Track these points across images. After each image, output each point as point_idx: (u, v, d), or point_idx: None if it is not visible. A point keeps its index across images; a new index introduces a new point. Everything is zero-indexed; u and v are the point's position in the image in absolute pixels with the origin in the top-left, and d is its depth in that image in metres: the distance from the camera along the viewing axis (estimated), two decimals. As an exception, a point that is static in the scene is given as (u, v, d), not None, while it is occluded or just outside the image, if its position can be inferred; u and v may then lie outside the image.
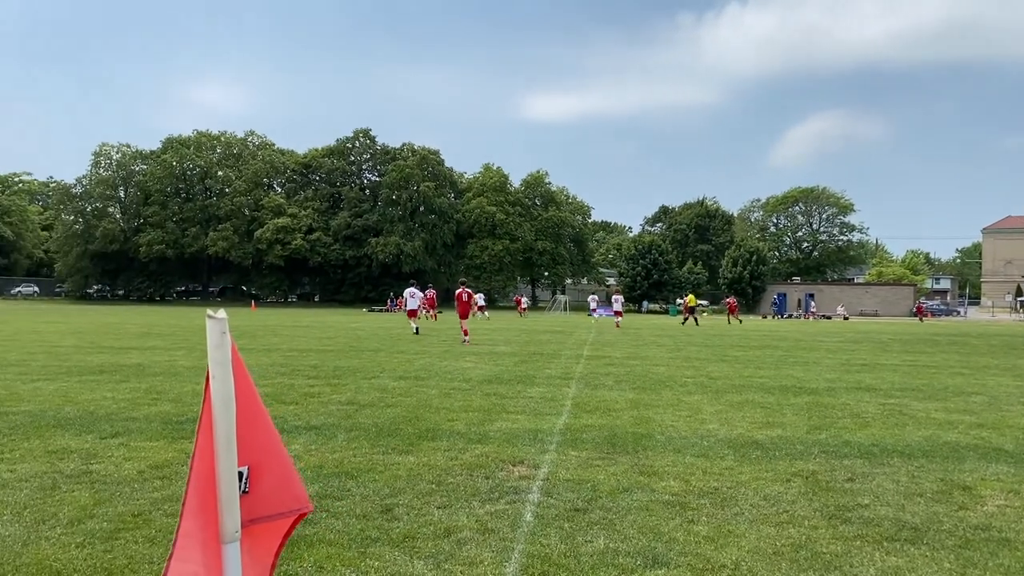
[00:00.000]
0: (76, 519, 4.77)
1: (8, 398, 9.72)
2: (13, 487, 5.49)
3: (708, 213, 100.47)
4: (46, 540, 4.39)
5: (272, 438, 1.94)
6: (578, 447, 7.20)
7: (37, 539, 4.40)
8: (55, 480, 5.69)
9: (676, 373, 14.23)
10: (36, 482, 5.63)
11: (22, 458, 6.40)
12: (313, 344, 20.67)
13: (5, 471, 5.94)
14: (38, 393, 10.22)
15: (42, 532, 4.53)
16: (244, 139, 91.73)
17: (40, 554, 4.16)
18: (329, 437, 7.50)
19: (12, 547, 4.27)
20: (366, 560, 4.17)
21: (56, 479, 5.72)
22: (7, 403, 9.31)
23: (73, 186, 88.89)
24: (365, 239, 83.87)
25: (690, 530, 4.77)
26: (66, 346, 18.57)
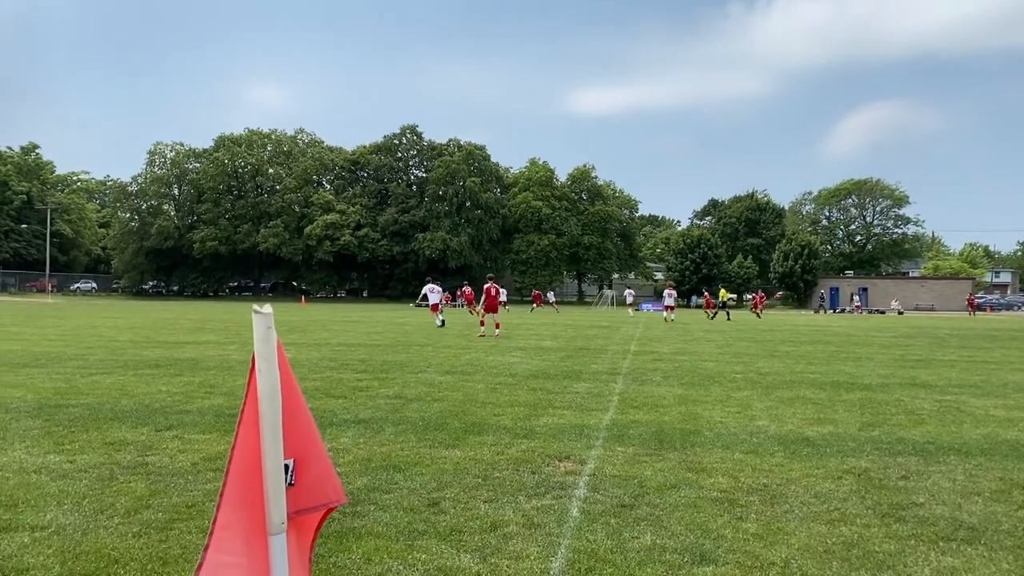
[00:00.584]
0: (133, 509, 4.90)
1: (68, 391, 10.01)
2: (73, 477, 5.65)
3: (758, 206, 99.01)
4: (104, 529, 4.51)
5: (313, 431, 1.96)
6: (625, 443, 7.16)
7: (96, 528, 4.53)
8: (112, 471, 5.85)
9: (725, 369, 14.07)
10: (94, 473, 5.79)
11: (81, 449, 6.58)
12: (361, 339, 20.90)
13: (65, 462, 6.12)
14: (96, 387, 10.50)
15: (100, 522, 4.65)
16: (294, 137, 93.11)
17: (99, 543, 4.28)
18: (377, 431, 7.58)
19: (72, 536, 4.39)
20: (413, 553, 4.20)
21: (113, 470, 5.88)
22: (67, 396, 9.58)
23: (129, 184, 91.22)
24: (412, 235, 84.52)
25: (739, 527, 4.72)
26: (123, 341, 19.05)
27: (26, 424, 7.68)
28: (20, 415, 8.17)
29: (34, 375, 11.66)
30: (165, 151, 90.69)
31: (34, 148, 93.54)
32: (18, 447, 6.63)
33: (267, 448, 1.82)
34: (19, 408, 8.60)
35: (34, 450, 6.53)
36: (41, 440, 6.93)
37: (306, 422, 1.94)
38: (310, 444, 1.94)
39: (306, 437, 1.93)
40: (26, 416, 8.11)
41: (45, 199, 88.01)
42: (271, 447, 1.82)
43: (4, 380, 11.02)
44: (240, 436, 1.83)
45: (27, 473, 5.75)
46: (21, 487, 5.36)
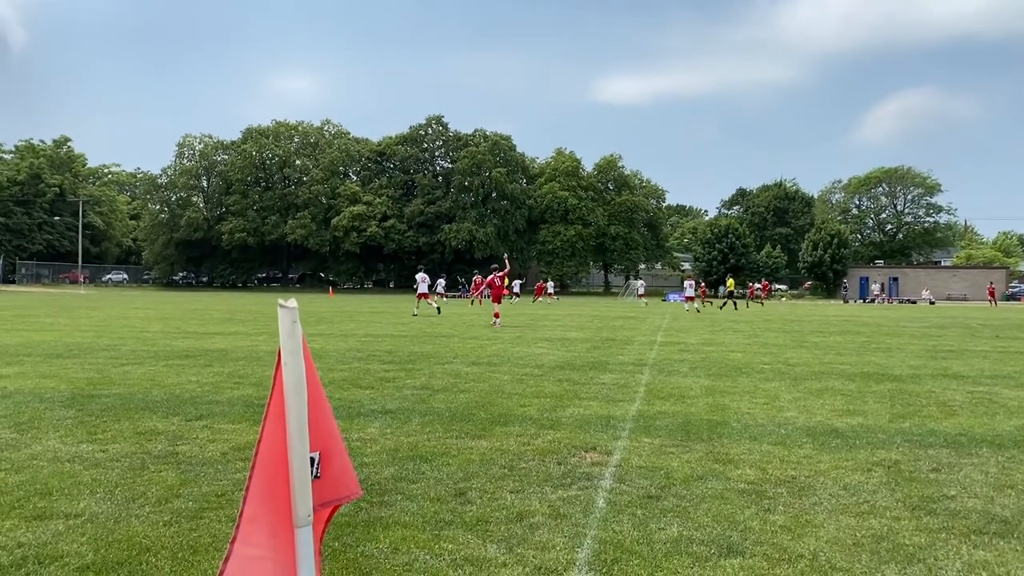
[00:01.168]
0: (163, 498, 4.97)
1: (100, 381, 10.17)
2: (105, 466, 5.74)
3: (787, 195, 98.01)
4: (136, 518, 4.58)
5: (334, 425, 1.98)
6: (651, 434, 7.14)
7: (128, 517, 4.60)
8: (144, 460, 5.93)
9: (753, 359, 13.97)
10: (126, 462, 5.88)
11: (113, 439, 6.68)
12: (388, 330, 21.01)
13: (98, 451, 6.21)
14: (127, 377, 10.66)
15: (132, 510, 4.72)
16: (320, 128, 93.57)
17: (130, 531, 4.35)
18: (404, 421, 7.62)
19: (105, 524, 4.46)
20: (440, 543, 4.22)
21: (145, 459, 5.96)
22: (99, 386, 9.73)
23: (159, 176, 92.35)
24: (438, 226, 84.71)
25: (766, 519, 4.68)
26: (153, 331, 19.30)
27: (60, 414, 7.82)
28: (54, 405, 8.31)
29: (67, 365, 11.85)
30: (194, 143, 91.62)
31: (66, 141, 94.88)
32: (52, 436, 6.75)
33: (293, 441, 1.83)
34: (53, 398, 8.75)
35: (68, 439, 6.64)
36: (74, 429, 7.05)
37: (328, 416, 1.95)
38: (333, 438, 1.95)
39: (329, 431, 1.94)
40: (60, 406, 8.25)
41: (77, 191, 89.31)
42: (297, 440, 1.83)
43: (38, 370, 11.22)
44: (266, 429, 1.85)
45: (61, 462, 5.85)
46: (55, 476, 5.45)
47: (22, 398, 8.72)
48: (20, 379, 10.29)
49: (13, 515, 4.59)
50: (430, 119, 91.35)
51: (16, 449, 6.25)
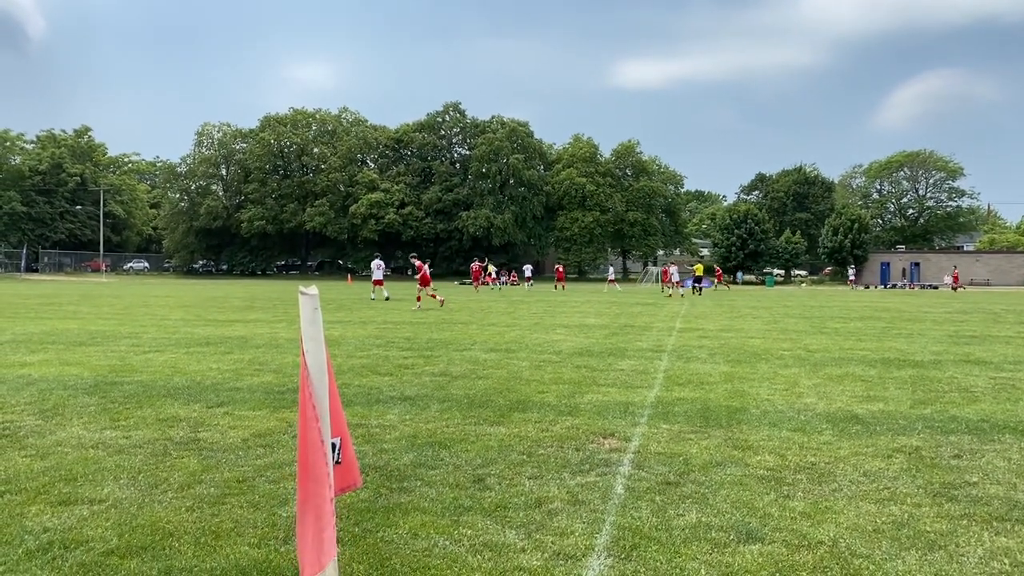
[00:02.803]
0: (185, 484, 5.02)
1: (122, 369, 10.28)
2: (128, 453, 5.81)
3: (807, 180, 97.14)
4: (159, 503, 4.64)
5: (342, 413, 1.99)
6: (670, 420, 7.13)
7: (151, 502, 4.66)
8: (166, 447, 6.00)
9: (772, 346, 13.90)
10: (149, 448, 5.95)
11: (136, 425, 6.76)
12: (407, 317, 21.07)
13: (121, 438, 6.29)
14: (149, 364, 10.76)
15: (155, 496, 4.78)
16: (338, 116, 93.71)
17: (153, 516, 4.40)
18: (423, 408, 7.65)
19: (128, 509, 4.52)
20: (459, 528, 4.25)
21: (167, 446, 6.03)
22: (122, 373, 9.84)
23: (178, 165, 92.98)
24: (456, 213, 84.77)
25: (785, 505, 4.67)
26: (174, 319, 19.46)
27: (83, 401, 7.91)
28: (78, 392, 8.41)
29: (90, 353, 11.99)
30: (213, 132, 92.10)
31: (87, 131, 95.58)
32: (76, 423, 6.84)
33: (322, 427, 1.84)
34: (76, 385, 8.85)
35: (91, 426, 6.72)
36: (98, 416, 7.14)
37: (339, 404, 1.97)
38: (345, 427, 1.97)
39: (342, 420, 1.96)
40: (83, 393, 8.35)
41: (98, 181, 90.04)
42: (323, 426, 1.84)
43: (62, 358, 11.35)
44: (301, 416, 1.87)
45: (85, 448, 5.92)
46: (80, 462, 5.53)
47: (46, 385, 8.83)
48: (44, 366, 10.42)
49: (39, 500, 4.66)
50: (447, 106, 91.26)
51: (41, 436, 6.34)
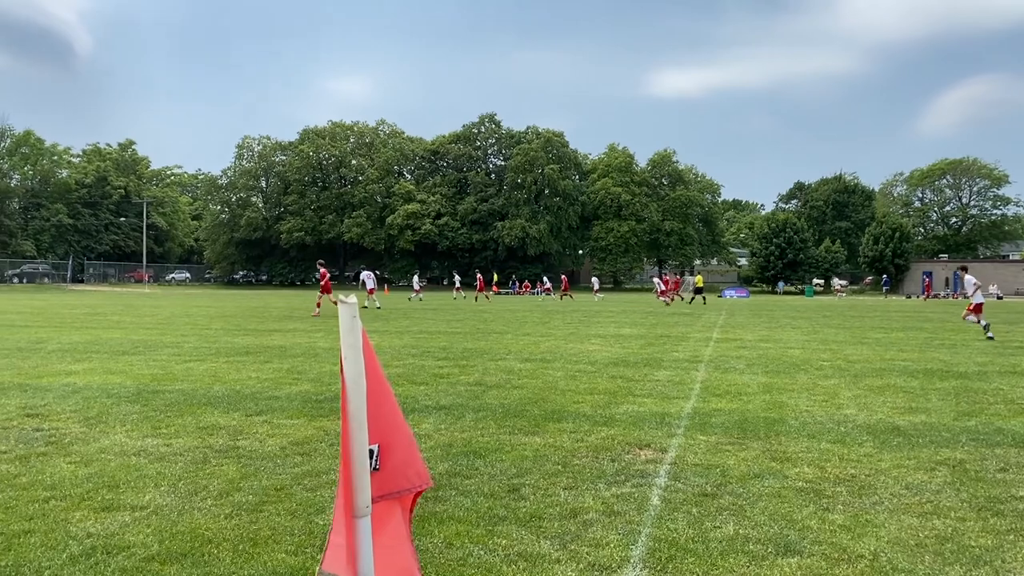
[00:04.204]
0: (225, 491, 5.09)
1: (164, 377, 10.45)
2: (169, 460, 5.90)
3: (846, 188, 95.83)
4: (198, 510, 4.70)
5: (398, 417, 2.00)
6: (707, 431, 7.07)
7: (190, 509, 4.72)
8: (206, 454, 6.08)
9: (812, 356, 13.72)
10: (189, 456, 6.04)
11: (176, 433, 6.87)
12: (442, 326, 21.16)
13: (162, 445, 6.40)
14: (190, 373, 10.93)
15: (195, 503, 4.85)
16: (375, 128, 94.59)
17: (193, 523, 4.47)
18: (458, 417, 7.67)
19: (169, 516, 4.59)
20: (494, 538, 4.25)
21: (207, 453, 6.12)
22: (163, 382, 10.01)
23: (219, 177, 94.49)
24: (491, 223, 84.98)
25: (825, 518, 4.60)
26: (215, 329, 19.75)
27: (126, 409, 8.06)
28: (120, 400, 8.57)
29: (133, 362, 12.21)
30: (253, 145, 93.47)
31: (131, 144, 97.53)
32: (119, 431, 6.96)
33: (353, 433, 1.86)
34: (119, 393, 9.02)
35: (134, 433, 6.84)
36: (140, 424, 7.27)
37: (391, 408, 1.98)
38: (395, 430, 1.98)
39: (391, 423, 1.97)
40: (126, 401, 8.51)
41: (141, 193, 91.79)
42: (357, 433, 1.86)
43: (106, 366, 11.58)
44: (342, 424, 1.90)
45: (127, 455, 6.03)
46: (122, 469, 5.63)
47: (90, 393, 9.01)
48: (89, 375, 10.63)
49: (83, 506, 4.75)
50: (483, 117, 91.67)
51: (85, 443, 6.46)
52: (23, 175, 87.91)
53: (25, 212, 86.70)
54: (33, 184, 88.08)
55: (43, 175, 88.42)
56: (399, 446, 2.00)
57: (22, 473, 5.48)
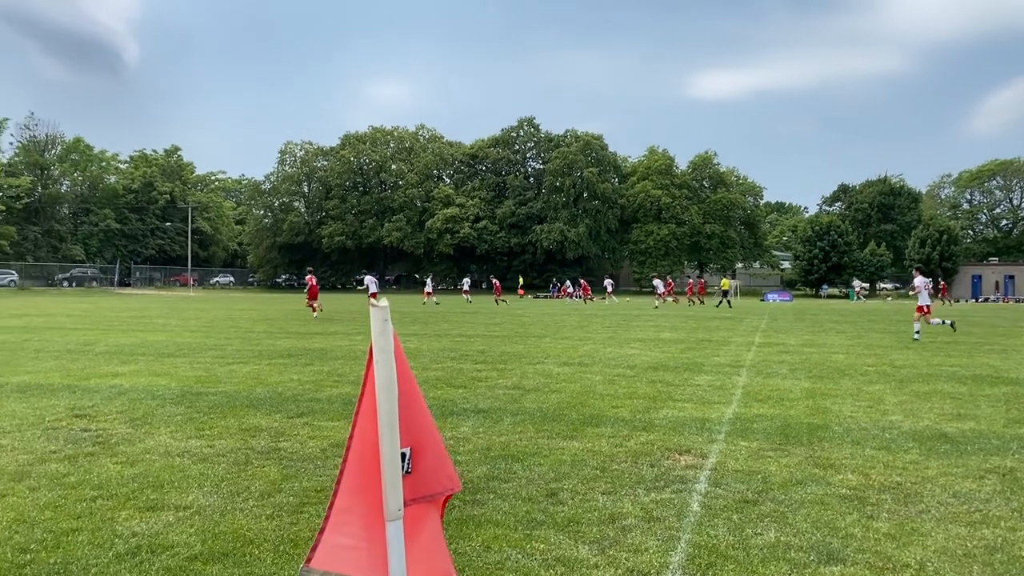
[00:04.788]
0: (266, 492, 5.15)
1: (208, 379, 10.61)
2: (212, 461, 5.99)
3: (892, 191, 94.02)
4: (240, 511, 4.76)
5: (428, 420, 2.00)
6: (748, 437, 6.98)
7: (233, 510, 4.79)
8: (248, 456, 6.16)
9: (856, 361, 13.48)
10: (232, 457, 6.12)
11: (219, 435, 6.97)
12: (480, 330, 21.20)
13: (205, 447, 6.49)
14: (233, 375, 11.09)
15: (237, 504, 4.91)
16: (415, 133, 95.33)
17: (235, 524, 4.52)
18: (496, 420, 7.67)
19: (211, 516, 4.66)
20: (532, 542, 4.24)
21: (249, 455, 6.19)
22: (207, 384, 10.16)
23: (262, 183, 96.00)
24: (530, 226, 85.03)
25: (869, 526, 4.51)
26: (258, 332, 20.02)
27: (171, 410, 8.20)
28: (165, 402, 8.73)
29: (178, 364, 12.42)
30: (295, 150, 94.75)
31: (176, 150, 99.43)
32: (163, 432, 7.09)
33: (384, 437, 1.87)
34: (164, 395, 9.18)
35: (178, 435, 6.96)
36: (184, 425, 7.39)
37: (421, 411, 1.98)
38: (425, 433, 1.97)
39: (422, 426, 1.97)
40: (171, 403, 8.66)
41: (186, 198, 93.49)
42: (388, 436, 1.87)
43: (151, 369, 11.80)
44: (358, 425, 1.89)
45: (171, 456, 6.13)
46: (166, 469, 5.73)
47: (136, 395, 9.18)
48: (135, 377, 10.84)
49: (128, 506, 4.84)
50: (521, 121, 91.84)
51: (131, 443, 6.59)
52: (73, 181, 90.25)
53: (75, 217, 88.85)
54: (82, 190, 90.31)
55: (92, 181, 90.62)
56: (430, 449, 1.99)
57: (71, 472, 5.61)
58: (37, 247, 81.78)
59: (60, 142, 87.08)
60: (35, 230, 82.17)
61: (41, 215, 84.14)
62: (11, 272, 72.33)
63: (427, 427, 1.99)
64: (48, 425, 7.36)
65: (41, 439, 6.74)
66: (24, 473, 5.59)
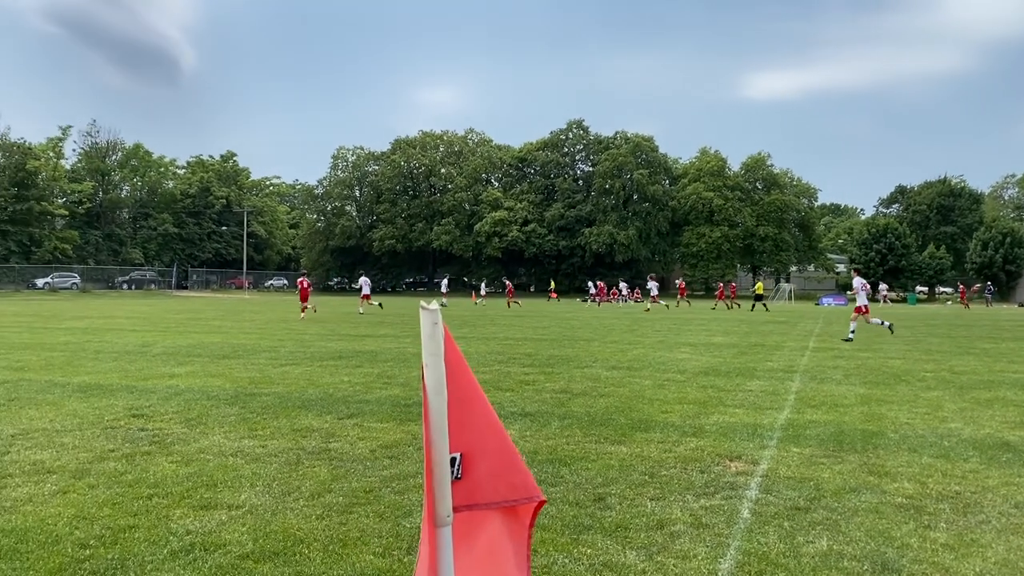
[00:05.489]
0: (316, 493, 5.21)
1: (261, 381, 10.80)
2: (264, 461, 6.09)
3: (952, 192, 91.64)
4: (291, 511, 4.83)
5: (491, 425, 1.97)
6: (801, 443, 6.86)
7: (284, 509, 4.86)
8: (299, 456, 6.25)
9: (914, 367, 13.16)
10: (283, 457, 6.21)
11: (272, 435, 7.08)
12: (528, 333, 21.20)
13: (258, 447, 6.61)
14: (286, 376, 11.27)
15: (288, 503, 4.99)
16: (464, 137, 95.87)
17: (286, 523, 4.59)
18: (543, 424, 7.66)
19: (263, 515, 4.74)
20: (579, 547, 4.22)
21: (300, 455, 6.28)
22: (260, 385, 10.34)
23: (315, 187, 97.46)
24: (578, 229, 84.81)
25: (926, 536, 4.40)
26: (310, 334, 20.31)
27: (225, 411, 8.36)
28: (220, 402, 8.90)
29: (232, 365, 12.66)
30: (347, 155, 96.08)
31: (232, 156, 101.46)
32: (218, 432, 7.23)
33: (434, 441, 1.87)
34: (219, 396, 9.37)
35: (231, 435, 7.09)
36: (237, 425, 7.53)
37: (481, 416, 1.96)
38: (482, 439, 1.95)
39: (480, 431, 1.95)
40: (225, 403, 8.83)
41: (242, 203, 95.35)
42: (437, 440, 1.86)
43: (207, 370, 12.04)
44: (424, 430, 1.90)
45: (225, 456, 6.25)
46: (220, 469, 5.84)
47: (192, 395, 9.38)
48: (191, 378, 11.08)
49: (183, 504, 4.94)
50: (571, 123, 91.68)
51: (186, 443, 6.73)
52: (133, 186, 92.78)
53: (134, 222, 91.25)
54: (142, 195, 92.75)
55: (151, 186, 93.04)
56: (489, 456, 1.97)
57: (128, 471, 5.75)
58: (98, 251, 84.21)
59: (120, 148, 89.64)
60: (96, 234, 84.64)
61: (102, 219, 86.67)
62: (74, 275, 74.63)
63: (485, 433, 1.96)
64: (107, 424, 7.57)
65: (100, 438, 6.93)
66: (84, 471, 5.75)
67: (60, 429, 7.33)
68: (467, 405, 1.94)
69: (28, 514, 4.73)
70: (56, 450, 6.44)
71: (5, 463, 6.00)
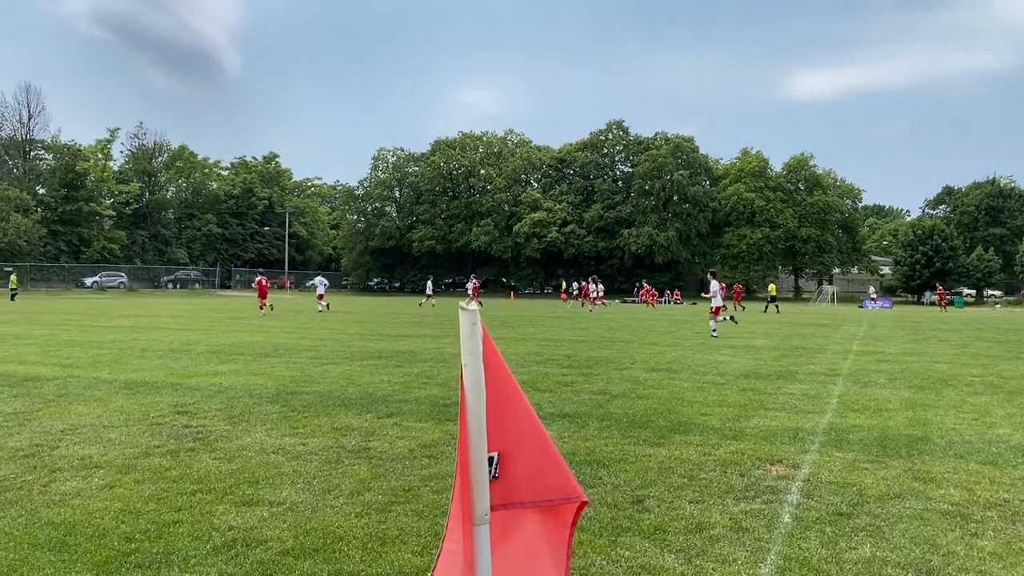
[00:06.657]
0: (356, 491, 5.26)
1: (302, 379, 10.93)
2: (305, 459, 6.16)
3: (1001, 193, 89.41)
4: (331, 508, 4.89)
5: (529, 425, 1.98)
6: (843, 448, 6.76)
7: (323, 507, 4.91)
8: (339, 454, 6.32)
9: (960, 371, 12.88)
10: (323, 455, 6.28)
11: (312, 433, 7.17)
12: (567, 334, 21.16)
13: (299, 444, 6.69)
14: (326, 375, 11.39)
15: (327, 501, 5.04)
16: (503, 138, 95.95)
17: (325, 521, 4.64)
18: (581, 425, 7.64)
19: (303, 513, 4.80)
20: (616, 549, 4.20)
21: (340, 453, 6.35)
22: (301, 384, 10.47)
23: (356, 188, 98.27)
24: (618, 231, 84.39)
25: (972, 544, 4.31)
26: (350, 334, 20.50)
27: (266, 409, 8.48)
28: (262, 400, 9.03)
29: (274, 364, 12.83)
30: (387, 156, 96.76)
31: (274, 157, 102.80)
32: (259, 429, 7.33)
33: (472, 441, 1.88)
34: (261, 394, 9.50)
35: (273, 432, 7.19)
36: (279, 423, 7.63)
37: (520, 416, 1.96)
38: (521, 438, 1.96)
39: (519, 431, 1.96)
40: (267, 401, 8.95)
41: (284, 204, 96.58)
42: (475, 440, 1.88)
43: (249, 368, 12.22)
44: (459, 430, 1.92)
45: (267, 453, 6.34)
46: (261, 466, 5.92)
47: (235, 393, 9.53)
48: (233, 376, 11.26)
49: (226, 500, 5.03)
50: (610, 124, 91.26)
51: (229, 440, 6.84)
52: (178, 187, 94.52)
53: (179, 222, 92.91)
54: (186, 195, 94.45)
55: (195, 187, 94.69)
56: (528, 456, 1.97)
57: (173, 467, 5.86)
58: (144, 250, 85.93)
59: (166, 150, 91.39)
60: (143, 234, 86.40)
61: (148, 220, 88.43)
62: (121, 274, 76.32)
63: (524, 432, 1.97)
64: (152, 421, 7.72)
65: (146, 434, 7.08)
66: (130, 466, 5.88)
67: (107, 425, 7.49)
68: (505, 405, 1.95)
69: (76, 508, 4.85)
70: (103, 445, 6.59)
71: (55, 457, 6.15)
